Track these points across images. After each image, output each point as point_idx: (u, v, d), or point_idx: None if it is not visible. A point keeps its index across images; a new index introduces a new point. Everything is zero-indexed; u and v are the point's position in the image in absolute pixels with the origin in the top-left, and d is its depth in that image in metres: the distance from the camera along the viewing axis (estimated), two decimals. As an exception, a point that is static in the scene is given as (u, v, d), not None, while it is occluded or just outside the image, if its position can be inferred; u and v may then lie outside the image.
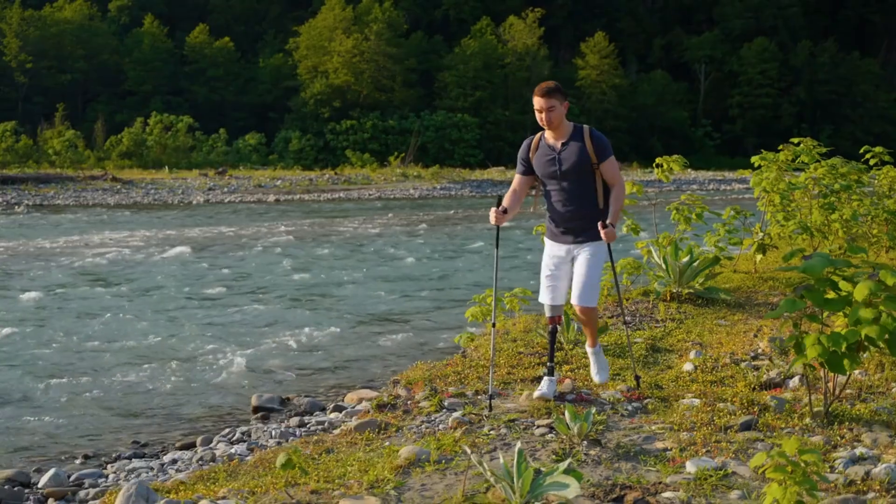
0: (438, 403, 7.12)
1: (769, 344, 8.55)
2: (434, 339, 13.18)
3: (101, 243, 27.00)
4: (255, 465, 6.19)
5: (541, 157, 7.12)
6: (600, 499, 5.10)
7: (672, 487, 5.27)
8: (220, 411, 10.01)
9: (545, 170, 7.10)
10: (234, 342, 13.05)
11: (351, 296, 17.43)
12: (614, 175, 7.05)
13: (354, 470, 5.64)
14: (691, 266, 10.92)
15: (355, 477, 5.55)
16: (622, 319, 8.05)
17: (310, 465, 5.81)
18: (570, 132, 7.05)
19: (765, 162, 12.74)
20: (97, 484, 7.64)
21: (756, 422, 6.42)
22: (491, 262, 21.31)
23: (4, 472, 7.86)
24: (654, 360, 8.48)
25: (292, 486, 5.42)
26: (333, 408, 9.83)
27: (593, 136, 7.00)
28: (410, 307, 16.16)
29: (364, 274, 20.45)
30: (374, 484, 5.42)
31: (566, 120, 7.10)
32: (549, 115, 6.96)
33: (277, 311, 15.65)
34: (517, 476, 4.89)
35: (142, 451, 8.79)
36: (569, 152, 6.99)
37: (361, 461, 5.87)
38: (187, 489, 5.66)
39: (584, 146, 6.96)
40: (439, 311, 15.77)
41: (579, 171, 6.97)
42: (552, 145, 7.08)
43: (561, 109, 6.98)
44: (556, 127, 7.02)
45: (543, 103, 6.94)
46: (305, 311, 15.69)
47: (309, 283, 19.19)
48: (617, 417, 6.72)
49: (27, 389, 10.56)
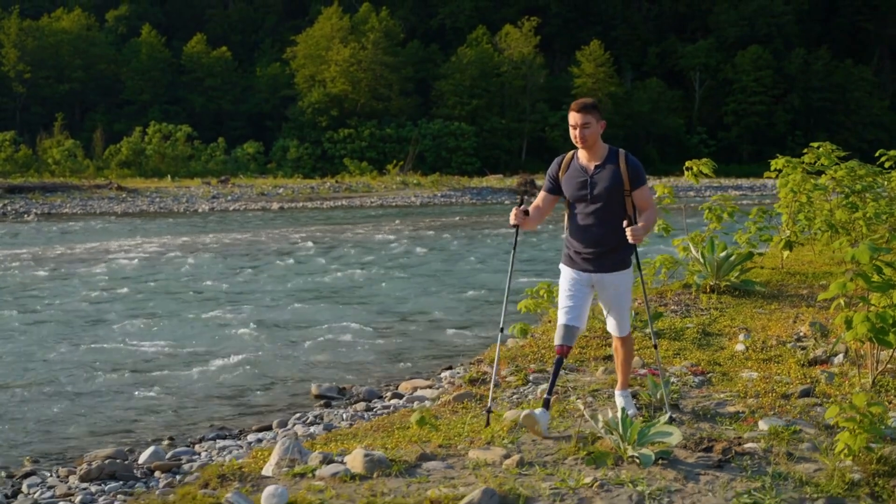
0: (524, 378, 7.92)
1: (810, 328, 9.39)
2: (467, 335, 14.00)
3: (122, 249, 27.70)
4: (373, 428, 6.96)
5: (571, 178, 6.72)
6: (692, 449, 5.88)
7: (751, 440, 6.06)
8: (281, 400, 10.72)
9: (575, 192, 6.69)
10: (278, 340, 13.82)
11: (379, 296, 18.24)
12: (646, 202, 6.68)
13: (468, 430, 6.41)
14: (728, 260, 11.78)
15: (472, 435, 6.34)
16: (650, 332, 7.48)
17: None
18: (605, 155, 6.66)
19: (790, 165, 13.57)
20: (193, 460, 8.35)
21: (813, 390, 7.24)
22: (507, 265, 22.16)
23: (104, 451, 8.59)
24: (707, 342, 9.30)
25: (422, 442, 6.20)
26: (392, 395, 10.61)
27: (629, 162, 6.63)
28: (436, 306, 16.98)
29: (387, 276, 21.26)
30: (492, 440, 6.21)
31: (601, 141, 6.69)
32: (584, 133, 6.56)
33: (313, 311, 16.40)
34: (625, 427, 5.68)
35: (223, 433, 9.52)
36: (602, 176, 6.61)
37: (471, 424, 6.65)
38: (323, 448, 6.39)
39: (619, 170, 6.59)
40: (465, 309, 16.59)
41: (611, 196, 6.59)
42: (585, 167, 6.69)
43: (597, 128, 6.58)
44: (590, 146, 6.63)
45: (579, 119, 6.56)
46: (340, 310, 16.45)
47: (337, 285, 19.95)
48: (686, 388, 7.53)
49: (102, 384, 11.25)
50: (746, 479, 5.42)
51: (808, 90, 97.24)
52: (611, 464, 5.60)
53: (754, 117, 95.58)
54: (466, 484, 5.34)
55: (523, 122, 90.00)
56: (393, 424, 7.07)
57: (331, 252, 26.49)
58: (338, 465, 5.59)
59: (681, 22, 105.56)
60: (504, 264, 22.85)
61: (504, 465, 5.73)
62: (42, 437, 9.21)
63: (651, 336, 7.12)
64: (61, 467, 8.19)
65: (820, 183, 13.23)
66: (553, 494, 5.22)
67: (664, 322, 10.02)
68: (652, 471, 5.51)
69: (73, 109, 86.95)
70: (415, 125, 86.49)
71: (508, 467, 5.67)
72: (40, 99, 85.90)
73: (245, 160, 77.08)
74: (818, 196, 13.67)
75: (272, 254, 26.16)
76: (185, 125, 77.52)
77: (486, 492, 5.02)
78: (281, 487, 4.95)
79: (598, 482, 5.33)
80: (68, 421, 9.74)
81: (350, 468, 5.57)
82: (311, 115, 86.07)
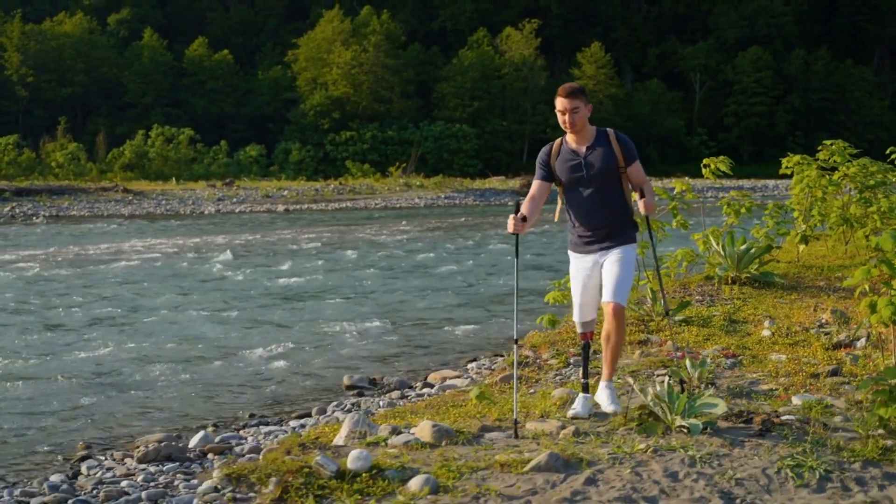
0: (565, 361, 8.37)
1: (832, 315, 9.85)
2: (486, 330, 14.49)
3: (140, 249, 28.14)
4: (426, 407, 7.39)
5: (564, 162, 6.76)
6: (733, 421, 6.31)
7: (787, 413, 6.51)
8: (313, 391, 11.14)
9: (569, 175, 6.74)
10: (305, 335, 14.26)
11: (395, 294, 18.71)
12: (641, 177, 6.77)
13: (519, 406, 6.83)
14: (748, 253, 12.25)
15: (525, 410, 6.78)
16: (664, 310, 7.90)
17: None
18: (594, 136, 6.74)
19: (805, 161, 14.09)
20: (241, 444, 8.75)
21: (840, 370, 7.69)
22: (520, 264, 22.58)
23: (154, 436, 9.00)
24: (734, 329, 9.76)
25: (480, 416, 6.64)
26: (423, 385, 11.04)
27: (619, 139, 6.72)
28: (452, 303, 17.53)
29: (401, 275, 21.77)
30: (546, 414, 6.64)
31: (589, 124, 6.77)
32: (573, 117, 6.63)
33: (333, 308, 16.85)
34: (672, 400, 6.12)
35: (264, 420, 9.94)
36: (595, 157, 6.67)
37: (520, 402, 7.07)
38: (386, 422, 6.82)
39: (611, 149, 6.67)
40: (481, 306, 17.07)
41: (606, 175, 6.67)
42: (576, 150, 6.74)
43: (585, 112, 6.67)
44: (578, 130, 6.70)
45: (567, 104, 6.62)
46: (359, 308, 16.91)
47: (353, 283, 20.38)
48: (720, 370, 7.97)
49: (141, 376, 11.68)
50: (788, 445, 5.87)
51: (808, 91, 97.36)
52: (661, 433, 6.04)
53: (755, 118, 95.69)
54: (530, 450, 5.79)
55: (524, 123, 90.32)
56: (446, 403, 7.50)
57: (344, 252, 26.92)
58: (407, 435, 6.02)
59: (680, 23, 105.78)
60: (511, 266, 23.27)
61: (561, 434, 6.18)
62: (90, 425, 9.62)
63: (665, 311, 7.29)
64: (115, 451, 8.59)
65: (834, 179, 13.72)
66: (611, 458, 5.67)
67: (692, 310, 10.45)
68: (699, 438, 5.97)
69: (75, 113, 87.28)
70: (416, 127, 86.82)
71: (566, 436, 6.12)
72: (43, 102, 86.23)
73: (248, 163, 77.46)
74: (831, 192, 14.17)
75: (287, 254, 26.59)
76: (187, 128, 77.94)
77: (552, 455, 5.46)
78: (364, 451, 5.38)
79: (652, 448, 5.78)
80: (113, 410, 10.15)
81: (419, 437, 6.00)
82: (313, 118, 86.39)
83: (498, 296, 18.08)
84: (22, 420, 9.67)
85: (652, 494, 5.15)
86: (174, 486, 7.29)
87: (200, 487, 6.12)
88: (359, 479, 5.18)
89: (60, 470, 8.09)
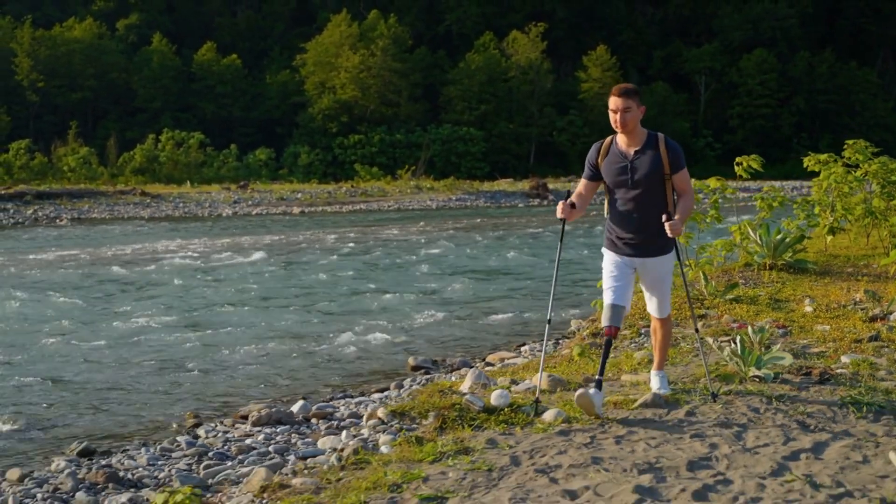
0: (637, 331, 9.48)
1: (865, 294, 11.01)
2: (528, 319, 15.48)
3: (172, 249, 29.09)
4: (523, 368, 8.46)
5: (611, 163, 6.81)
6: (794, 374, 7.44)
7: (839, 368, 7.64)
8: (382, 371, 12.13)
9: (615, 177, 6.79)
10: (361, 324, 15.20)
11: (436, 286, 19.79)
12: (685, 186, 6.78)
13: (609, 366, 7.89)
14: (783, 242, 13.44)
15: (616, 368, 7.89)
16: (693, 321, 8.10)
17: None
18: (645, 139, 6.73)
19: (832, 159, 15.35)
20: (337, 410, 9.72)
21: (879, 336, 8.84)
22: (545, 260, 23.72)
23: (257, 405, 9.99)
24: (779, 306, 10.96)
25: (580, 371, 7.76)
26: (484, 364, 12.01)
27: (668, 145, 6.70)
28: (490, 294, 18.66)
29: (434, 270, 22.80)
30: (636, 369, 7.75)
31: (640, 125, 6.77)
32: (625, 117, 6.62)
33: (382, 300, 17.85)
34: (746, 355, 7.22)
35: (348, 394, 10.93)
36: (642, 161, 6.69)
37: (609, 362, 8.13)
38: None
39: (659, 155, 6.67)
40: (518, 297, 18.18)
41: (652, 181, 6.67)
42: (624, 152, 6.76)
43: (637, 113, 6.67)
44: (629, 131, 6.69)
45: (620, 103, 6.63)
46: (403, 300, 17.92)
47: (390, 279, 21.43)
48: (773, 338, 9.09)
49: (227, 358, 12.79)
50: (845, 389, 7.09)
51: (812, 93, 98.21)
52: (738, 382, 7.16)
53: (759, 120, 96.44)
54: (634, 393, 6.92)
55: (531, 126, 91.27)
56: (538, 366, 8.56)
57: (371, 251, 27.87)
58: (526, 384, 7.12)
59: (685, 26, 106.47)
60: (540, 259, 24.39)
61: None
62: (189, 399, 10.65)
63: (687, 295, 7.68)
64: (224, 419, 9.62)
65: (857, 175, 14.96)
66: (702, 399, 6.86)
67: (739, 291, 11.63)
68: (771, 385, 7.14)
69: (85, 117, 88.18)
70: (424, 130, 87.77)
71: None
72: (53, 107, 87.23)
73: (257, 166, 78.22)
74: (856, 188, 15.43)
75: (319, 253, 27.44)
76: (197, 132, 78.67)
77: (655, 395, 6.61)
78: (504, 391, 6.49)
79: (733, 393, 6.92)
80: (205, 390, 11.14)
81: (536, 385, 7.06)
82: (322, 122, 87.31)
83: (537, 288, 19.13)
84: (124, 395, 10.72)
85: (743, 422, 6.34)
86: (293, 444, 8.28)
87: (368, 422, 7.15)
88: (502, 412, 6.28)
89: (180, 433, 9.10)
